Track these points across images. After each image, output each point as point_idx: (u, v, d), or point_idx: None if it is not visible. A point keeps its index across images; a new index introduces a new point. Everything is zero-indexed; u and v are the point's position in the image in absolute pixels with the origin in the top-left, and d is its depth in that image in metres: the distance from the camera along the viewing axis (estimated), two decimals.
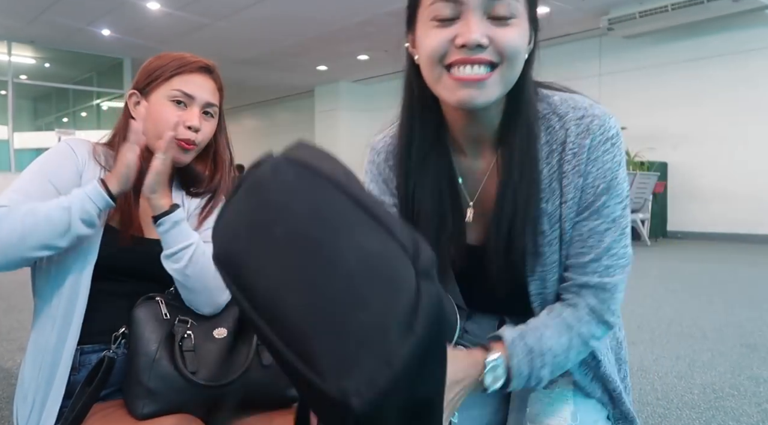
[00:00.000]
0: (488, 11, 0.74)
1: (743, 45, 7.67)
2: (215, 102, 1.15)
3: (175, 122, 1.08)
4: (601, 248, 0.82)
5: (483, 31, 0.74)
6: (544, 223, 0.84)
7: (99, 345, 1.07)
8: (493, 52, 0.75)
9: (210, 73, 1.15)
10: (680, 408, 1.77)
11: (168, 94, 1.10)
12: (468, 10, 0.74)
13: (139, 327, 0.98)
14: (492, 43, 0.74)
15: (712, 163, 7.98)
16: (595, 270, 0.83)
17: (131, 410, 0.95)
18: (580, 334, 0.83)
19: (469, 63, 0.75)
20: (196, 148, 1.13)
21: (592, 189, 0.82)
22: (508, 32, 0.75)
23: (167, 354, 0.97)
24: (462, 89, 0.76)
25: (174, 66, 1.12)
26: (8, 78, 9.99)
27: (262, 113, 16.45)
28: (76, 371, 1.05)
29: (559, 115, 0.84)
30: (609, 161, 0.82)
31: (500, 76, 0.76)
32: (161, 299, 1.03)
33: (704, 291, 3.77)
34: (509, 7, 0.74)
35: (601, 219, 0.82)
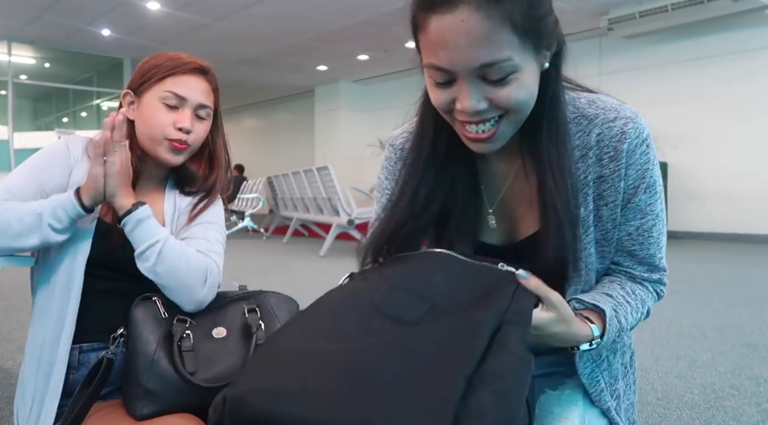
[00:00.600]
0: (482, 75, 0.71)
1: (743, 45, 7.67)
2: (208, 104, 1.14)
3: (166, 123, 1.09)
4: (651, 242, 0.87)
5: (479, 96, 0.72)
6: (580, 229, 0.84)
7: (97, 342, 1.07)
8: (494, 110, 0.74)
9: (204, 75, 1.14)
10: (680, 408, 1.77)
11: (160, 96, 1.09)
12: (461, 78, 0.71)
13: (137, 327, 0.98)
14: (491, 104, 0.73)
15: (712, 163, 7.98)
16: (653, 263, 0.89)
17: (130, 410, 0.95)
18: (648, 311, 0.92)
19: (473, 123, 0.74)
20: (189, 149, 1.13)
21: (632, 190, 0.84)
22: (506, 91, 0.72)
23: (166, 355, 0.96)
24: (474, 144, 0.78)
25: (167, 67, 1.11)
26: (8, 78, 9.99)
27: (262, 113, 16.45)
28: (75, 369, 1.05)
29: (588, 118, 0.84)
30: (646, 162, 0.83)
31: (508, 123, 0.76)
32: (158, 298, 1.03)
33: (704, 291, 3.77)
34: (502, 70, 0.70)
35: (648, 216, 0.86)
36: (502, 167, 0.89)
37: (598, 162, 0.83)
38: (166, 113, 1.09)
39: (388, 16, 7.91)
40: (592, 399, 0.93)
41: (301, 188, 7.42)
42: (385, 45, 9.61)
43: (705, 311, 3.22)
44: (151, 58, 1.14)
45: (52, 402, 1.00)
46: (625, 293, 0.88)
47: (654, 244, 0.88)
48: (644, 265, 0.90)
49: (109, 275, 1.08)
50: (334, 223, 6.36)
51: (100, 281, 1.07)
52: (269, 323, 1.06)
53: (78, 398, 0.95)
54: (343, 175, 7.46)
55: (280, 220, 9.15)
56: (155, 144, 1.10)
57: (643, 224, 0.86)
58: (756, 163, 7.62)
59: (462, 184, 0.87)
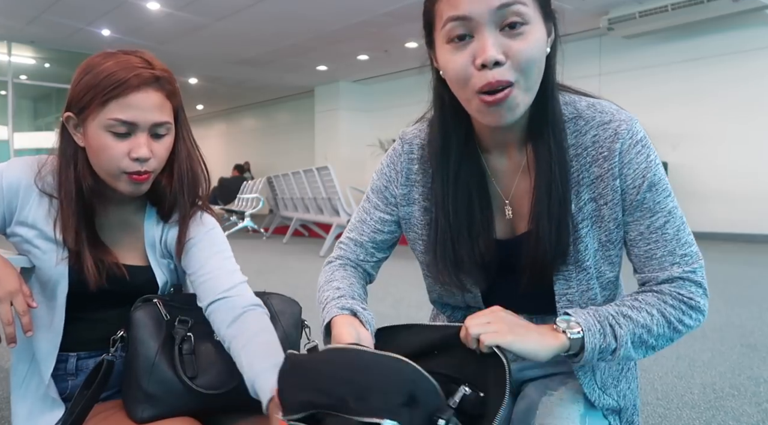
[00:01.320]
0: (499, 22, 0.76)
1: (743, 45, 7.66)
2: (164, 119, 0.97)
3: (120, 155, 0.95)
4: (667, 240, 0.85)
5: (498, 47, 0.75)
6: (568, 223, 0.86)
7: (95, 351, 1.05)
8: (510, 69, 0.76)
9: (153, 84, 0.95)
10: (680, 408, 1.77)
11: (105, 125, 0.93)
12: (480, 26, 0.76)
13: (138, 330, 0.97)
14: (509, 58, 0.76)
15: (712, 163, 7.98)
16: (674, 262, 0.85)
17: (130, 414, 0.95)
18: (663, 313, 0.83)
19: (492, 85, 0.76)
20: (153, 174, 0.99)
21: (633, 189, 0.85)
22: (522, 44, 0.76)
23: (167, 358, 0.96)
24: (491, 111, 0.79)
25: (104, 88, 0.92)
26: (8, 78, 9.99)
27: (262, 113, 16.44)
28: (74, 376, 1.04)
29: (585, 119, 0.87)
30: (644, 161, 0.85)
31: (520, 90, 0.78)
32: (159, 300, 1.02)
33: None
34: (519, 14, 0.75)
35: (658, 215, 0.85)
36: (507, 163, 0.92)
37: (594, 162, 0.86)
38: (116, 143, 0.94)
39: (388, 16, 7.90)
40: (591, 401, 0.93)
41: (301, 188, 7.42)
42: (385, 45, 9.60)
43: None
44: (86, 69, 0.96)
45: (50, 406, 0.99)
46: (627, 306, 0.84)
47: (672, 240, 0.85)
48: (662, 265, 0.85)
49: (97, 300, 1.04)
50: (334, 223, 6.36)
51: (87, 299, 1.03)
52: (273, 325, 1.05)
53: (78, 400, 0.94)
54: (343, 175, 7.46)
55: (280, 220, 9.15)
56: (113, 179, 0.97)
57: (654, 222, 0.85)
58: (756, 163, 7.61)
59: (475, 187, 0.90)
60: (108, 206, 1.05)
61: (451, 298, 1.02)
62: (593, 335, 0.79)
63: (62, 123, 0.99)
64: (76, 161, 0.99)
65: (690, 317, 0.85)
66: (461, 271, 0.92)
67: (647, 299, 0.85)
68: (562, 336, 0.79)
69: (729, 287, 3.95)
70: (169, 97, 0.99)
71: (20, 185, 0.99)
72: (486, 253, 0.90)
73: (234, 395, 0.96)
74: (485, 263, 0.92)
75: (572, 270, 0.88)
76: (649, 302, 0.84)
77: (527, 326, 0.79)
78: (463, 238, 0.90)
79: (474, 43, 0.77)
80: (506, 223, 0.93)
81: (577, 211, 0.87)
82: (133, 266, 1.06)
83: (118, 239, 1.06)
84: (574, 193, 0.87)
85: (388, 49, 9.88)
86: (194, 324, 1.01)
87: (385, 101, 12.62)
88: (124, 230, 1.08)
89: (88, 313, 1.04)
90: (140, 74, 0.94)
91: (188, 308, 1.04)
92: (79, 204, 0.99)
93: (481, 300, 0.98)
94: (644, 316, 0.82)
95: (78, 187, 0.98)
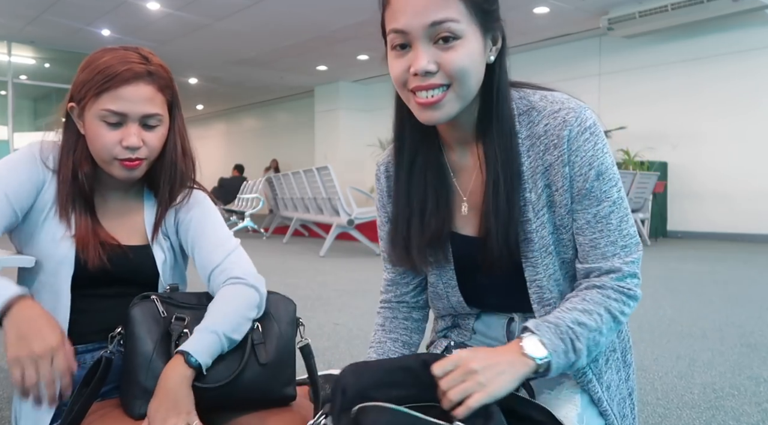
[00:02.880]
0: (433, 37, 0.83)
1: (743, 45, 7.67)
2: (155, 111, 1.02)
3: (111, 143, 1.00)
4: (611, 229, 0.89)
5: (429, 58, 0.83)
6: (529, 211, 0.92)
7: (92, 344, 1.06)
8: (442, 76, 0.84)
9: (144, 78, 1.01)
10: (680, 408, 1.77)
11: (98, 115, 1.00)
12: (415, 39, 0.83)
13: (135, 326, 0.97)
14: (440, 67, 0.83)
15: (712, 163, 7.99)
16: (614, 253, 0.89)
17: (128, 410, 0.95)
18: (609, 309, 0.88)
19: (424, 89, 0.84)
20: (146, 162, 1.05)
21: (581, 177, 0.89)
22: (453, 55, 0.83)
23: (164, 354, 0.96)
24: (424, 112, 0.86)
25: (99, 81, 0.99)
26: (8, 78, 10.00)
27: (262, 113, 16.45)
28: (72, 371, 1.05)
29: (538, 110, 0.92)
30: (591, 149, 0.88)
31: (454, 94, 0.85)
32: (156, 297, 1.03)
33: (704, 291, 3.77)
34: (449, 31, 0.82)
35: (603, 203, 0.89)
36: (469, 161, 0.98)
37: (547, 151, 0.90)
38: (109, 132, 1.00)
39: None
40: (583, 389, 0.94)
41: (301, 188, 7.42)
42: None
43: (705, 311, 3.22)
44: (87, 63, 1.03)
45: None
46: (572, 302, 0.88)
47: (615, 230, 0.89)
48: (605, 255, 0.89)
49: (96, 285, 1.07)
50: (334, 223, 6.36)
51: (89, 289, 1.05)
52: (267, 323, 1.06)
53: (77, 398, 0.95)
54: (343, 175, 7.47)
55: (280, 220, 9.15)
56: (107, 165, 1.03)
57: (600, 211, 0.89)
58: (755, 163, 7.62)
59: (432, 177, 0.97)
60: (107, 191, 1.11)
61: (439, 301, 1.06)
62: (558, 356, 0.82)
63: (67, 112, 1.06)
64: (76, 147, 1.05)
65: (629, 307, 0.90)
66: (412, 251, 0.98)
67: (593, 298, 0.88)
68: (531, 362, 0.81)
69: (729, 287, 3.95)
70: (161, 90, 1.04)
71: (30, 180, 1.04)
72: (437, 239, 0.96)
73: (231, 390, 0.97)
74: (441, 251, 0.99)
75: (538, 256, 0.92)
76: (596, 301, 0.88)
77: (496, 360, 0.79)
78: (414, 222, 0.97)
79: (411, 53, 0.85)
80: (466, 219, 0.98)
81: (536, 199, 0.91)
82: (133, 247, 1.10)
83: (119, 223, 1.11)
84: (533, 181, 0.91)
85: None
86: (191, 321, 1.01)
87: (385, 101, 12.42)
88: (124, 214, 1.13)
89: (86, 304, 1.05)
90: (132, 68, 1.00)
91: (185, 305, 1.05)
92: (75, 186, 1.05)
93: (461, 296, 1.03)
94: (595, 318, 0.86)
95: (74, 172, 1.05)
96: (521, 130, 0.92)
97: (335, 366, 2.04)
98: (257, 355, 1.00)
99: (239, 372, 0.97)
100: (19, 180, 1.02)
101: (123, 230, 1.11)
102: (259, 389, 1.00)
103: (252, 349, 1.00)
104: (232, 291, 1.04)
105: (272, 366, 1.01)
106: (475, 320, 1.06)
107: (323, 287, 4.04)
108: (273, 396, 1.02)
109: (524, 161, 0.91)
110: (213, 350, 0.95)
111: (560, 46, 9.13)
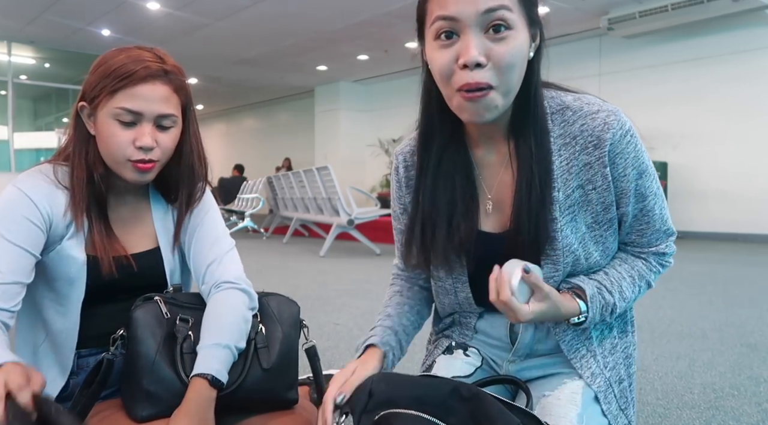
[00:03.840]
0: (484, 25, 0.80)
1: (743, 45, 7.67)
2: (170, 111, 1.00)
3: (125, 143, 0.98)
4: (656, 219, 0.97)
5: (480, 49, 0.80)
6: (555, 210, 0.91)
7: (96, 348, 1.06)
8: (491, 71, 0.81)
9: (162, 77, 0.99)
10: (680, 408, 1.77)
11: (112, 113, 0.97)
12: (466, 27, 0.80)
13: (138, 329, 0.97)
14: (490, 60, 0.80)
15: (712, 163, 7.98)
16: (659, 239, 0.99)
17: (130, 413, 0.95)
18: (648, 282, 1.01)
19: (473, 85, 0.81)
20: (158, 164, 1.02)
21: (625, 177, 0.91)
22: (504, 48, 0.80)
23: (167, 357, 0.96)
24: (469, 107, 0.83)
25: (116, 78, 0.97)
26: (8, 78, 9.99)
27: (262, 113, 16.45)
28: (75, 375, 1.05)
29: (573, 110, 0.92)
30: (633, 150, 0.91)
31: (497, 94, 0.83)
32: (160, 298, 1.02)
33: (704, 291, 3.77)
34: (503, 19, 0.79)
35: (648, 199, 0.94)
36: (495, 157, 0.96)
37: (584, 150, 0.90)
38: (122, 132, 0.97)
39: (388, 16, 7.90)
40: (573, 366, 0.97)
41: (300, 188, 7.42)
42: (385, 45, 9.60)
43: (705, 311, 3.22)
44: (101, 62, 1.01)
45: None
46: (619, 272, 0.97)
47: (658, 220, 0.97)
48: (650, 243, 0.99)
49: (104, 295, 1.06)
50: (334, 223, 6.36)
51: (98, 297, 1.05)
52: (270, 326, 1.05)
53: (78, 399, 0.94)
54: (343, 175, 7.46)
55: (280, 220, 9.15)
56: (119, 166, 1.00)
57: (646, 205, 0.95)
58: (756, 163, 7.61)
59: (460, 176, 0.95)
60: (119, 195, 1.08)
61: (446, 297, 1.05)
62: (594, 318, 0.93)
63: (76, 112, 1.03)
64: (88, 148, 1.02)
65: (657, 276, 1.02)
66: (435, 254, 0.97)
67: (641, 270, 0.99)
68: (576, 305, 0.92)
69: (729, 287, 3.95)
70: (176, 91, 1.02)
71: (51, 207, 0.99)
72: (465, 242, 0.95)
73: (233, 395, 0.96)
74: (465, 252, 0.97)
75: (560, 255, 0.93)
76: (642, 274, 0.99)
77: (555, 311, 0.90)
78: (441, 225, 0.95)
79: (459, 43, 0.81)
80: (490, 216, 0.98)
81: (564, 198, 0.92)
82: (142, 253, 1.09)
83: (129, 229, 1.10)
84: (563, 181, 0.91)
85: (388, 49, 9.88)
86: (195, 323, 1.01)
87: (385, 101, 12.62)
88: (135, 218, 1.11)
89: (90, 309, 1.04)
90: (149, 67, 0.98)
91: (189, 306, 1.04)
92: (90, 191, 1.02)
93: (471, 293, 1.02)
94: (636, 289, 0.98)
95: (89, 173, 1.01)
96: (554, 129, 0.91)
97: (335, 366, 2.04)
98: (260, 360, 1.00)
99: (243, 377, 0.97)
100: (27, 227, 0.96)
101: (133, 235, 1.10)
102: (262, 393, 0.99)
103: (255, 353, 1.00)
104: (227, 298, 1.04)
105: (275, 370, 1.00)
106: (478, 319, 1.06)
107: (323, 287, 4.03)
108: (275, 399, 1.02)
109: (555, 159, 0.91)
110: (228, 364, 0.96)
111: (560, 46, 9.12)
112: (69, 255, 1.00)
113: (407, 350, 1.07)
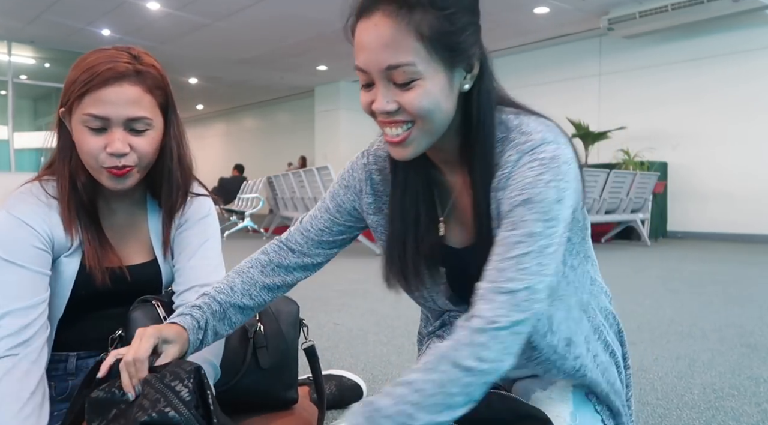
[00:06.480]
0: (390, 79, 0.80)
1: (743, 45, 7.67)
2: (141, 114, 0.94)
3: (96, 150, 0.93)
4: (505, 257, 0.77)
5: (390, 97, 0.80)
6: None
7: (95, 351, 1.06)
8: (404, 114, 0.81)
9: (129, 78, 0.93)
10: (680, 408, 1.77)
11: (81, 120, 0.92)
12: (375, 79, 0.81)
13: (135, 329, 0.97)
14: (401, 107, 0.80)
15: (712, 163, 7.98)
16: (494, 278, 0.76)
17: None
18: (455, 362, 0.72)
19: (389, 125, 0.82)
20: (136, 169, 0.96)
21: (508, 200, 0.81)
22: (410, 96, 0.79)
23: None
24: (393, 149, 0.85)
25: (81, 82, 0.91)
26: (8, 78, 9.99)
27: (262, 113, 16.44)
28: (74, 376, 1.05)
29: (510, 140, 0.86)
30: (531, 176, 0.79)
31: (419, 131, 0.82)
32: (157, 302, 1.02)
33: (704, 291, 3.77)
34: (406, 74, 0.78)
35: (516, 231, 0.78)
36: (452, 178, 0.96)
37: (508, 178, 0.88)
38: (93, 139, 0.92)
39: None
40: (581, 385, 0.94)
41: (300, 188, 7.42)
42: None
43: (705, 311, 3.22)
44: (75, 65, 0.96)
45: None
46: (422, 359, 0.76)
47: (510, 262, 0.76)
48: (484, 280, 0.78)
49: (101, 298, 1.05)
50: None
51: (93, 301, 1.04)
52: (269, 325, 1.05)
53: (77, 400, 0.94)
54: None
55: (280, 220, 9.14)
56: (96, 173, 0.96)
57: (508, 237, 0.78)
58: (756, 163, 7.61)
59: (421, 193, 0.95)
60: (112, 202, 1.05)
61: (424, 305, 1.06)
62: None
63: (59, 119, 0.99)
64: (72, 156, 0.98)
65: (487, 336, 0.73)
66: (409, 271, 0.95)
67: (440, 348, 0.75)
68: None
69: (729, 287, 3.95)
70: (150, 91, 0.95)
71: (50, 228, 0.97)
72: (430, 256, 0.95)
73: (231, 394, 0.96)
74: (434, 264, 0.97)
75: None
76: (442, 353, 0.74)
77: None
78: (410, 240, 0.94)
79: (374, 90, 0.82)
80: (455, 232, 0.97)
81: None
82: (137, 265, 1.07)
83: (125, 239, 1.07)
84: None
85: None
86: None
87: None
88: (130, 227, 1.09)
89: (89, 312, 1.04)
90: (114, 68, 0.92)
91: None
92: (75, 199, 0.98)
93: (447, 299, 1.02)
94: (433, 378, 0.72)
95: (72, 182, 0.98)
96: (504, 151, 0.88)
97: (335, 366, 2.04)
98: (258, 359, 1.00)
99: (240, 377, 0.97)
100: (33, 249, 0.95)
101: (128, 244, 1.07)
102: (260, 393, 1.00)
103: (254, 353, 1.00)
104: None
105: (273, 370, 1.00)
106: None
107: (323, 287, 4.03)
108: (274, 399, 1.02)
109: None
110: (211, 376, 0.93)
111: (560, 47, 9.11)
112: (60, 270, 0.98)
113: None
